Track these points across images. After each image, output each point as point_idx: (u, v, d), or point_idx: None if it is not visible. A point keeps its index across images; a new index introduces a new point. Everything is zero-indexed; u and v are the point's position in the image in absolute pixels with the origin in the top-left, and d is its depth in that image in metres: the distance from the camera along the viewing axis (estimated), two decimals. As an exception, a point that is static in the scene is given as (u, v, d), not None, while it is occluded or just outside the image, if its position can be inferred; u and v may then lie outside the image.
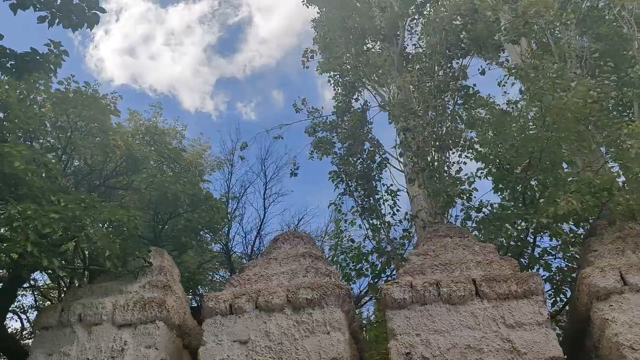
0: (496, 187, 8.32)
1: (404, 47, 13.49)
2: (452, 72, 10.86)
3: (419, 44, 13.95)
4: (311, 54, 14.45)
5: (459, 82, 10.61)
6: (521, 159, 7.53)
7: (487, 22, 10.99)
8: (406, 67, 12.96)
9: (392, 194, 10.35)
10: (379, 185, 11.18)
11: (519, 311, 5.36)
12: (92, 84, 8.40)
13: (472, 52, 11.47)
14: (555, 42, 10.51)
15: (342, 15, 14.08)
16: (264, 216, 15.82)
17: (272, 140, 14.37)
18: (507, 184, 7.73)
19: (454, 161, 9.87)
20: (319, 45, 14.52)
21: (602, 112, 8.28)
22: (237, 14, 42.26)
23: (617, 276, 5.33)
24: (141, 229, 6.72)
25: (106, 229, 6.63)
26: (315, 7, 15.42)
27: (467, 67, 11.22)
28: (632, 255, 5.75)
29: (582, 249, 6.64)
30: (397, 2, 13.52)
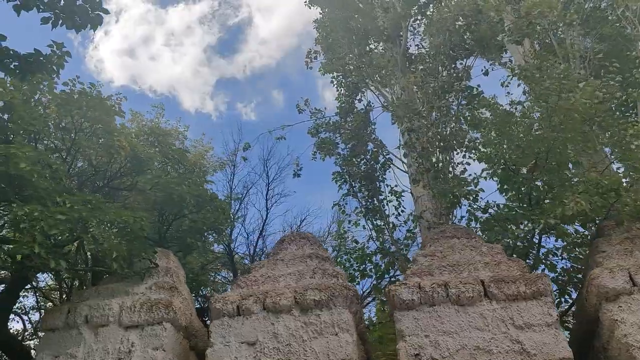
0: (501, 188, 8.32)
1: (406, 48, 13.47)
2: (456, 72, 10.84)
3: (422, 45, 13.95)
4: (315, 54, 14.45)
5: (463, 82, 10.60)
6: (527, 159, 7.52)
7: (491, 22, 10.97)
8: (409, 68, 12.95)
9: (397, 195, 10.33)
10: (382, 185, 11.19)
11: (528, 312, 5.35)
12: (95, 85, 8.36)
13: (476, 52, 11.45)
14: (558, 42, 10.50)
15: (345, 15, 14.04)
16: (267, 217, 15.82)
17: (274, 141, 14.37)
18: (512, 185, 7.71)
19: (459, 162, 9.86)
20: (321, 45, 14.50)
21: (607, 112, 8.27)
22: (237, 14, 42.23)
23: (626, 277, 5.32)
24: (147, 230, 6.70)
25: (112, 230, 6.60)
26: (317, 8, 15.41)
27: (471, 68, 11.22)
28: (640, 255, 5.74)
29: (589, 250, 6.63)
30: (400, 2, 13.50)
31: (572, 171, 7.89)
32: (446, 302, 5.61)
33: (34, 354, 10.75)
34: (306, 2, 15.67)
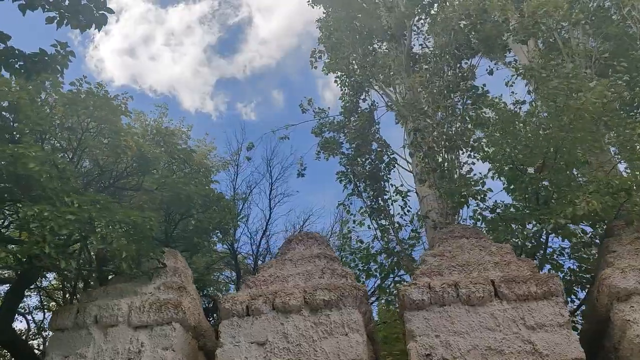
0: (507, 188, 8.29)
1: (410, 47, 13.46)
2: (461, 72, 10.83)
3: (426, 44, 13.93)
4: (319, 54, 14.43)
5: (468, 82, 10.59)
6: (534, 159, 7.51)
7: (496, 22, 10.95)
8: (413, 67, 12.93)
9: (403, 195, 10.31)
10: (387, 185, 11.16)
11: (539, 312, 5.34)
12: (102, 85, 8.34)
13: (481, 52, 11.44)
14: (564, 42, 10.49)
15: (349, 15, 14.03)
16: (270, 216, 15.79)
17: (277, 140, 14.35)
18: (519, 185, 7.70)
19: (464, 162, 9.84)
20: (324, 45, 14.47)
21: (613, 112, 8.25)
22: (237, 14, 42.20)
23: (637, 277, 5.31)
24: (155, 230, 6.69)
25: (119, 230, 6.58)
26: (320, 7, 15.39)
27: (476, 68, 11.21)
28: (651, 255, 5.73)
29: (598, 250, 6.62)
30: (404, 1, 13.48)
31: (580, 171, 7.88)
32: (456, 302, 5.60)
33: (37, 354, 10.78)
34: (309, 1, 15.68)
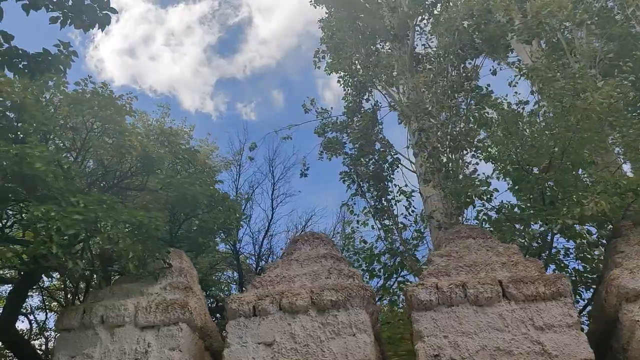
0: (513, 188, 8.28)
1: (414, 47, 13.45)
2: (465, 72, 10.82)
3: (429, 44, 13.93)
4: (322, 54, 14.43)
5: (472, 82, 10.58)
6: (540, 159, 7.50)
7: (499, 22, 10.94)
8: (416, 67, 12.92)
9: (407, 195, 10.31)
10: (390, 185, 11.17)
11: (547, 313, 5.32)
12: (107, 85, 8.32)
13: (484, 52, 11.42)
14: (567, 42, 10.48)
15: (351, 15, 14.01)
16: (272, 216, 15.79)
17: (279, 140, 14.34)
18: (525, 185, 7.69)
19: (468, 162, 9.83)
20: (327, 45, 14.47)
21: (619, 112, 8.25)
22: (237, 14, 42.16)
23: (646, 277, 5.30)
24: (161, 230, 6.67)
25: (127, 230, 6.56)
26: (322, 7, 15.38)
27: (480, 68, 11.20)
28: (659, 256, 5.72)
29: (605, 250, 6.61)
30: (407, 1, 13.47)
31: (586, 171, 7.87)
32: (464, 303, 5.58)
33: (40, 354, 10.75)
34: (311, 1, 15.66)
